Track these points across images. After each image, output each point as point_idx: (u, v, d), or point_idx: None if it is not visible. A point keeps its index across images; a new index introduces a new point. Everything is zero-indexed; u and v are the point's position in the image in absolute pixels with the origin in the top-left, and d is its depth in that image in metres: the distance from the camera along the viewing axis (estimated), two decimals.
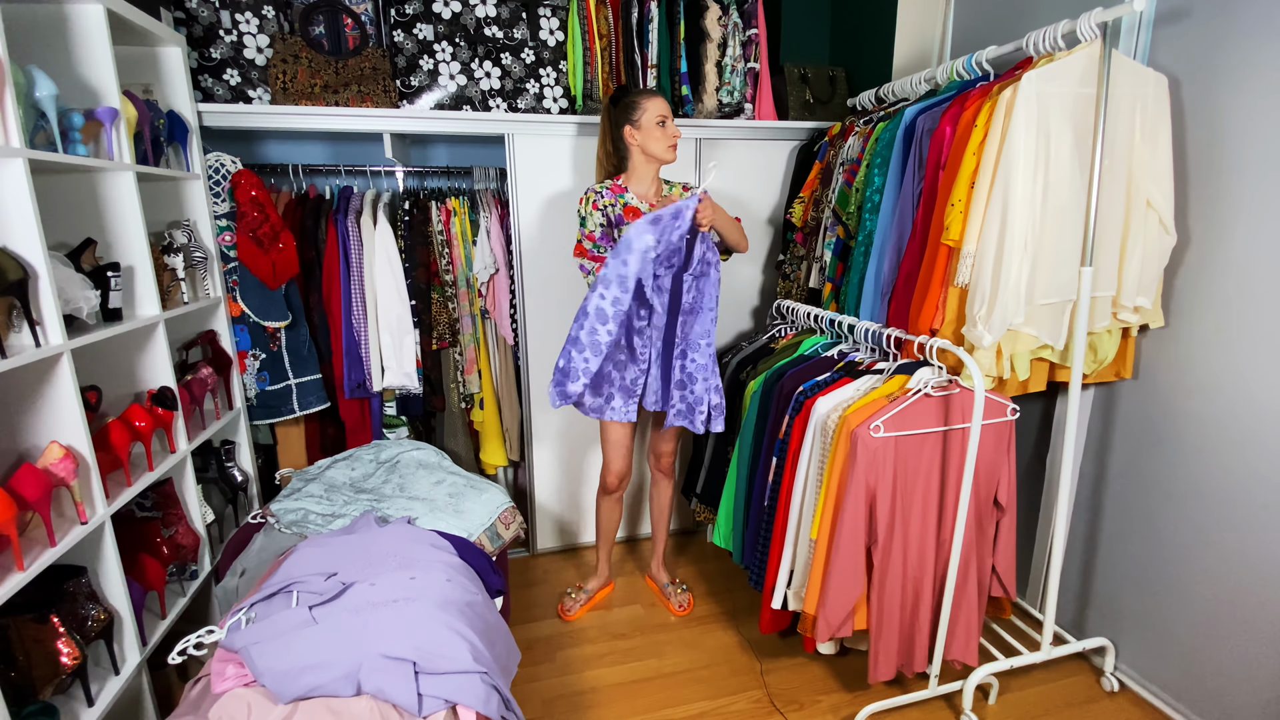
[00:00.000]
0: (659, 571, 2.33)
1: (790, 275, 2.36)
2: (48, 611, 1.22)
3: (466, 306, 2.33)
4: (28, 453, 1.31)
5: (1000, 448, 1.64)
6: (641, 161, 1.89)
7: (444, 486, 1.83)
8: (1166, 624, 1.73)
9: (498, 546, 1.74)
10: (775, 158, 2.47)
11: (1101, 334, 1.68)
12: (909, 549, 1.61)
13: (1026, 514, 2.07)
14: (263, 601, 1.26)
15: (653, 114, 1.83)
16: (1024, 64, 1.61)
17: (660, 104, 1.84)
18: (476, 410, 2.41)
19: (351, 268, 2.17)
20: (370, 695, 1.05)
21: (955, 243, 1.57)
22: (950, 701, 1.78)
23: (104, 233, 1.55)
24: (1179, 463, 1.66)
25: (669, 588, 2.28)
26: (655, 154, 1.86)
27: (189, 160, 1.87)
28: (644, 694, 1.84)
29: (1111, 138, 1.53)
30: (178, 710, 1.10)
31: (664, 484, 2.24)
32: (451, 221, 2.29)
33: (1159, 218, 1.60)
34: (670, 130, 1.85)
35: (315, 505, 1.71)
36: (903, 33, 2.33)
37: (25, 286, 1.19)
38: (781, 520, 1.73)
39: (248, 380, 2.12)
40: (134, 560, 1.54)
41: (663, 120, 1.83)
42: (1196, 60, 1.55)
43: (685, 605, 2.24)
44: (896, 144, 1.78)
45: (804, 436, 1.66)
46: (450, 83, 2.15)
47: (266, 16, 2.02)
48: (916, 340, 1.61)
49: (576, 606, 2.22)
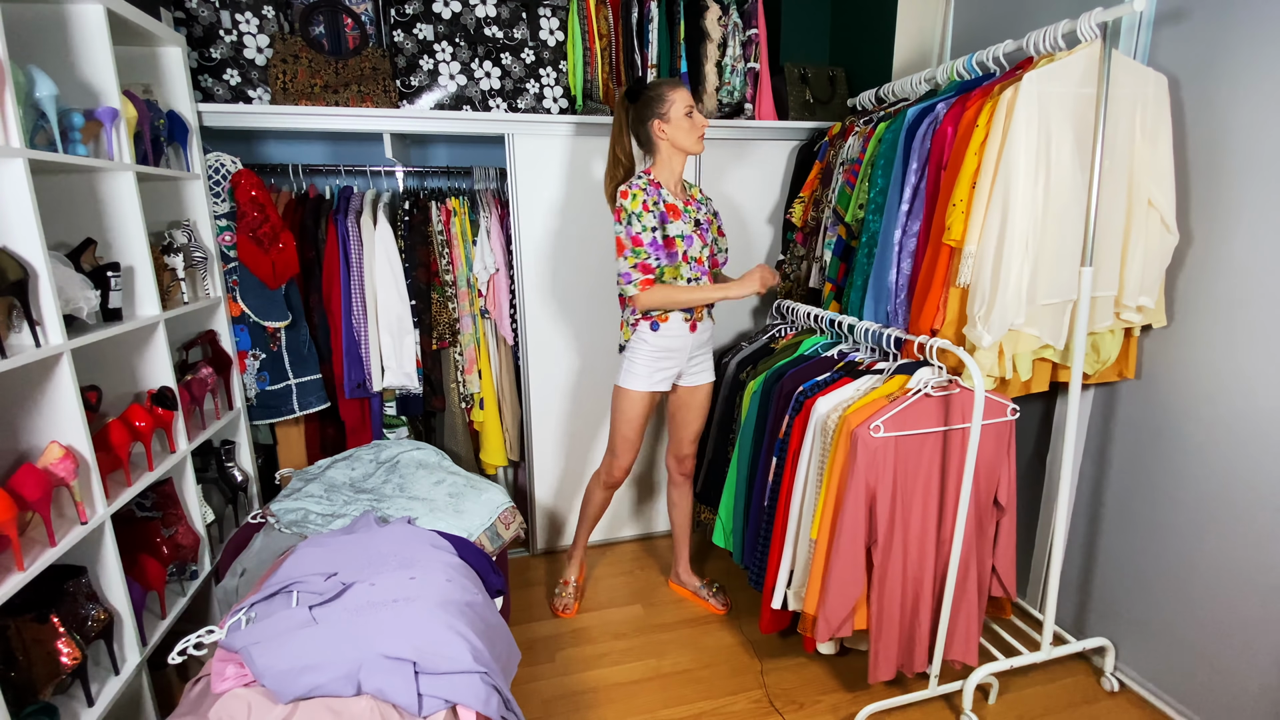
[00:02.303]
0: (689, 577, 2.30)
1: (790, 275, 2.36)
2: (48, 611, 1.22)
3: (466, 306, 2.33)
4: (28, 453, 1.31)
5: (1000, 448, 1.64)
6: (670, 156, 1.84)
7: (444, 486, 1.83)
8: (1167, 624, 1.73)
9: (498, 546, 1.74)
10: (775, 158, 2.47)
11: (1104, 334, 1.68)
12: (909, 549, 1.61)
13: (1026, 514, 2.07)
14: (263, 601, 1.26)
15: (681, 105, 1.77)
16: (1024, 64, 1.61)
17: (686, 93, 1.78)
18: (476, 410, 2.41)
19: (351, 268, 2.16)
20: (370, 695, 1.05)
21: (956, 243, 1.57)
22: (950, 701, 1.78)
23: (104, 233, 1.55)
24: (1180, 462, 1.66)
25: (703, 590, 2.26)
26: (685, 146, 1.80)
27: (189, 160, 1.87)
28: (644, 694, 1.84)
29: (1112, 137, 1.53)
30: (178, 710, 1.10)
31: (685, 488, 2.22)
32: (451, 221, 2.29)
33: (1160, 217, 1.60)
34: (698, 120, 1.79)
35: (315, 505, 1.71)
36: (903, 33, 2.33)
37: (25, 286, 1.19)
38: (781, 520, 1.73)
39: (248, 380, 2.12)
40: (134, 560, 1.54)
41: (690, 110, 1.78)
42: (1196, 60, 1.55)
43: (726, 604, 2.21)
44: (899, 144, 1.78)
45: (804, 436, 1.66)
46: (450, 83, 2.15)
47: (266, 16, 2.02)
48: (916, 340, 1.61)
49: (573, 602, 2.22)
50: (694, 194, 1.95)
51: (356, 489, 1.83)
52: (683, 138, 1.79)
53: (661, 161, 1.86)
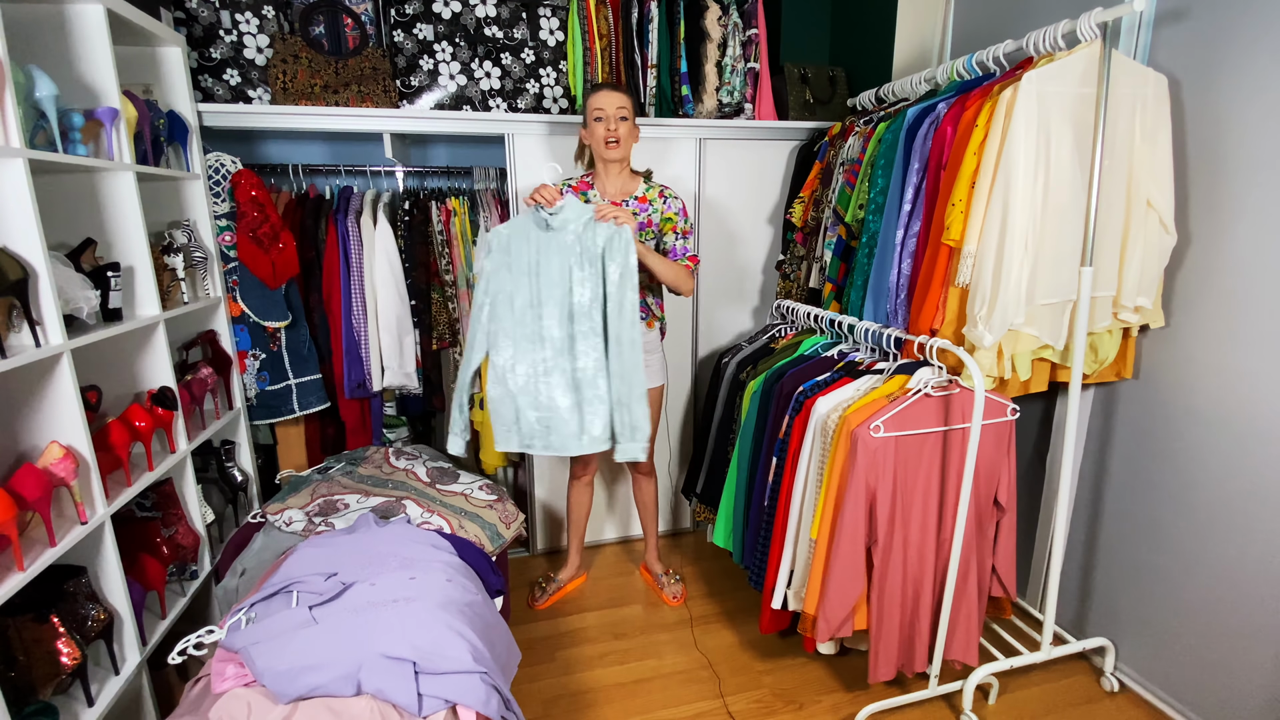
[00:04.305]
0: (653, 563, 2.35)
1: (790, 275, 2.36)
2: (48, 611, 1.22)
3: (466, 306, 2.33)
4: (28, 453, 1.31)
5: (1000, 448, 1.64)
6: (599, 162, 1.89)
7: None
8: (1167, 624, 1.73)
9: (498, 546, 1.74)
10: (775, 158, 2.47)
11: (1102, 334, 1.68)
12: (909, 549, 1.61)
13: (1026, 514, 2.07)
14: (263, 601, 1.26)
15: (591, 110, 1.81)
16: (1024, 64, 1.61)
17: (600, 98, 1.79)
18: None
19: (351, 268, 2.16)
20: (370, 695, 1.05)
21: (956, 243, 1.57)
22: (950, 701, 1.78)
23: (104, 233, 1.55)
24: (1179, 463, 1.66)
25: (663, 578, 2.31)
26: (596, 151, 1.85)
27: (189, 160, 1.87)
28: (644, 694, 1.84)
29: (1111, 138, 1.53)
30: (178, 710, 1.10)
31: (644, 482, 2.25)
32: (451, 221, 2.29)
33: (1159, 217, 1.59)
34: (606, 126, 1.79)
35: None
36: (903, 33, 2.33)
37: (25, 286, 1.19)
38: (781, 520, 1.73)
39: (248, 380, 2.12)
40: (134, 560, 1.54)
41: (599, 116, 1.80)
42: (1196, 60, 1.55)
43: (679, 595, 2.26)
44: (899, 144, 1.78)
45: (804, 436, 1.66)
46: (450, 83, 2.15)
47: (266, 16, 2.02)
48: (916, 340, 1.61)
49: (545, 597, 2.23)
50: (646, 196, 1.92)
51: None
52: (594, 143, 1.84)
53: (596, 169, 1.93)
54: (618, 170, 1.90)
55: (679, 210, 1.94)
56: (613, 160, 1.85)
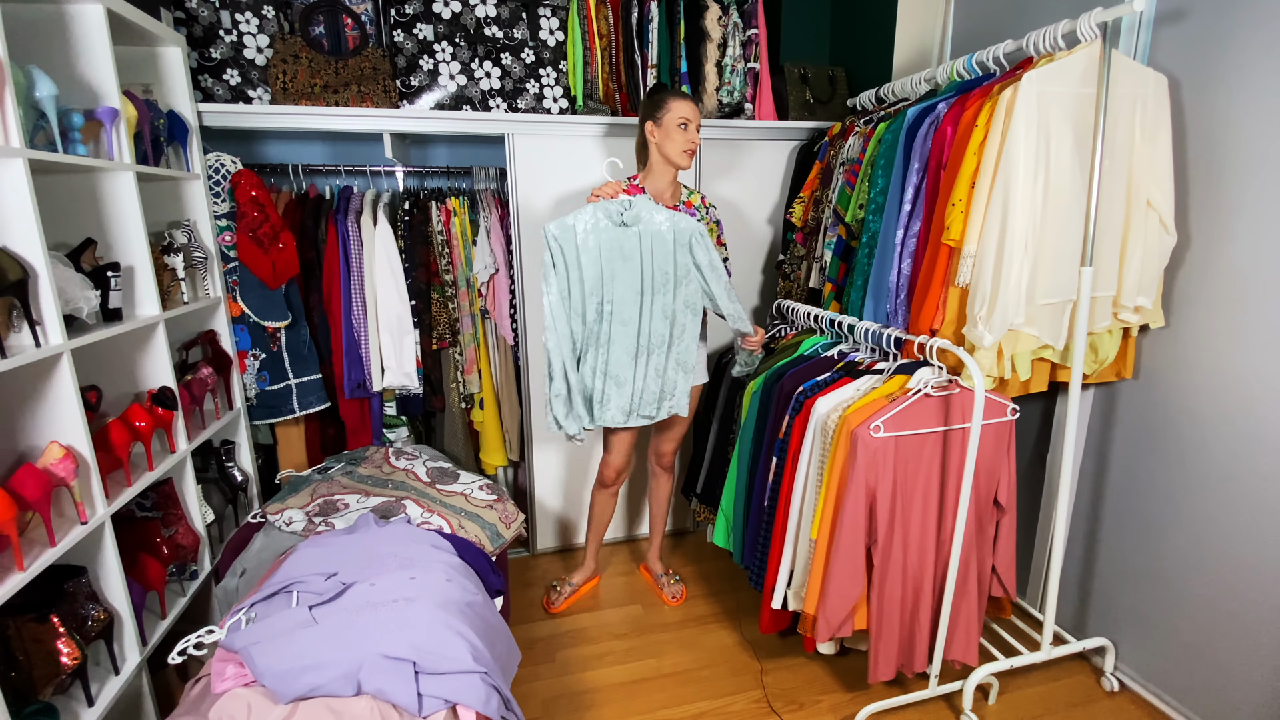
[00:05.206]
0: (654, 563, 2.36)
1: (790, 275, 2.36)
2: (48, 611, 1.22)
3: (466, 306, 2.33)
4: (28, 453, 1.31)
5: (1000, 448, 1.64)
6: (658, 164, 1.91)
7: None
8: (1166, 624, 1.73)
9: (498, 546, 1.74)
10: (775, 158, 2.47)
11: (1102, 334, 1.68)
12: (909, 549, 1.61)
13: (1026, 514, 2.07)
14: (263, 601, 1.26)
15: (675, 115, 1.83)
16: (1024, 64, 1.61)
17: (686, 107, 1.84)
18: (476, 410, 2.41)
19: (351, 268, 2.16)
20: (370, 695, 1.05)
21: (956, 243, 1.57)
22: (950, 701, 1.78)
23: (104, 233, 1.55)
24: (1179, 463, 1.66)
25: (663, 578, 2.31)
26: (669, 154, 1.87)
27: (189, 160, 1.87)
28: (644, 694, 1.84)
29: (1111, 138, 1.53)
30: (178, 710, 1.10)
31: (664, 479, 2.27)
32: (451, 221, 2.29)
33: (1159, 217, 1.60)
34: (690, 135, 1.85)
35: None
36: (903, 33, 2.33)
37: (25, 286, 1.19)
38: (781, 520, 1.73)
39: (248, 380, 2.12)
40: (134, 560, 1.54)
41: (684, 124, 1.84)
42: (1196, 60, 1.55)
43: (678, 596, 2.26)
44: (899, 144, 1.78)
45: (804, 436, 1.66)
46: (450, 83, 2.15)
47: (266, 16, 2.02)
48: (916, 340, 1.61)
49: (561, 599, 2.23)
50: (691, 201, 1.99)
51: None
52: (670, 147, 1.85)
53: (650, 165, 1.93)
54: (674, 175, 1.94)
55: (718, 221, 2.03)
56: (684, 168, 1.90)
